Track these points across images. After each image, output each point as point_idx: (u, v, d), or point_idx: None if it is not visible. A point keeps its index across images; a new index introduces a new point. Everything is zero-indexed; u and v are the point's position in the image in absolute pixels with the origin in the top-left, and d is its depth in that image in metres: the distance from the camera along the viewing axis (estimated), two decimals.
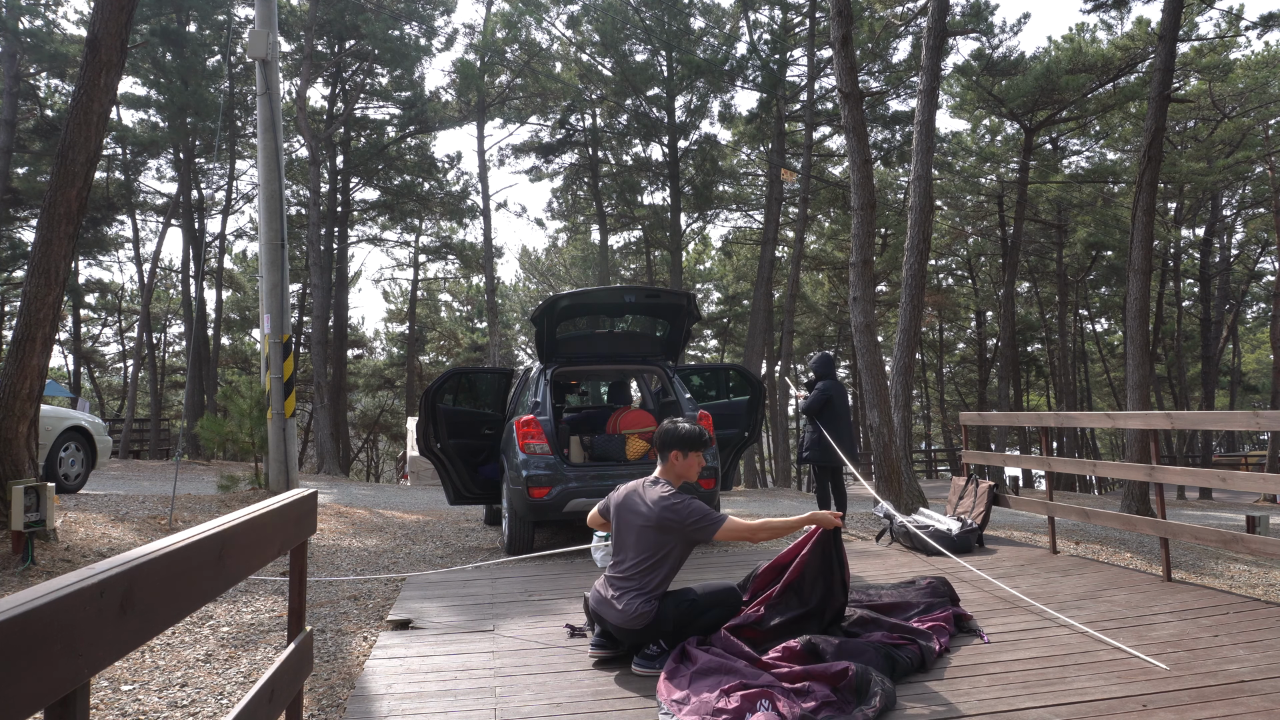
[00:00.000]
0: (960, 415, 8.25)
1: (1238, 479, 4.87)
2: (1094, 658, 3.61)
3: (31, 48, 21.30)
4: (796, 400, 8.28)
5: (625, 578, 3.71)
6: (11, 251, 25.56)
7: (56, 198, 5.93)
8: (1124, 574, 5.45)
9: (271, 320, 8.98)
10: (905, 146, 24.10)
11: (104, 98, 6.07)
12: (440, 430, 7.39)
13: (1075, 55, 21.35)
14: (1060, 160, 27.15)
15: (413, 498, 12.86)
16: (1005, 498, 7.06)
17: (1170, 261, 29.37)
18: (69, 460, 8.93)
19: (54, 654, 1.17)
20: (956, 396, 39.59)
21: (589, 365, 7.49)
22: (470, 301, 39.49)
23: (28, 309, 5.90)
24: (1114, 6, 19.40)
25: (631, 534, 3.76)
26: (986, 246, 30.93)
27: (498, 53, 24.60)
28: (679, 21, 24.67)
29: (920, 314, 10.44)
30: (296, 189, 26.90)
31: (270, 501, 2.29)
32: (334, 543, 7.38)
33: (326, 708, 3.34)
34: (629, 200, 28.11)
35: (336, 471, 21.18)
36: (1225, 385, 33.29)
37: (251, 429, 9.48)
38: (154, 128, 24.93)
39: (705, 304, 35.61)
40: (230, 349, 35.04)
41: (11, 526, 5.33)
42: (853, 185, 9.32)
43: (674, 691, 3.24)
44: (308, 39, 22.31)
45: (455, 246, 32.17)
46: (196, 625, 4.50)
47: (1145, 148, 11.09)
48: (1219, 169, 23.26)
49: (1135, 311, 11.12)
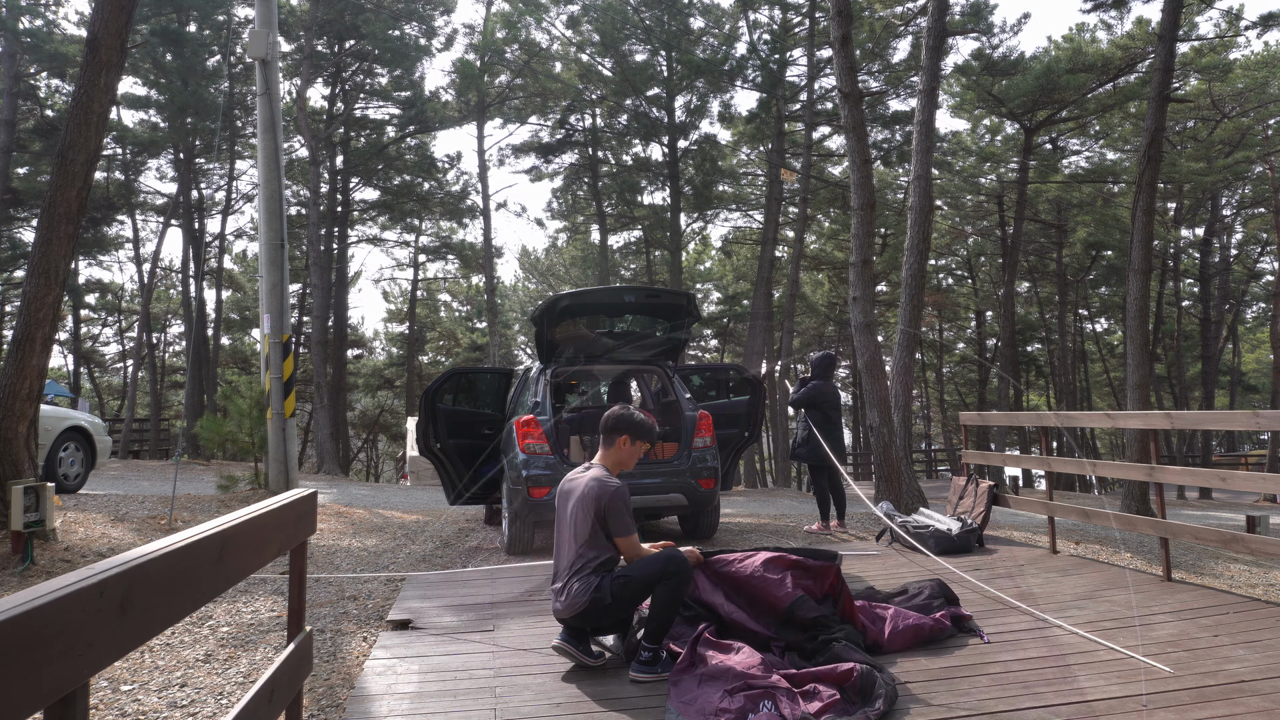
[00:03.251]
0: (960, 415, 8.25)
1: (1237, 479, 4.87)
2: (1094, 658, 3.61)
3: (31, 48, 21.30)
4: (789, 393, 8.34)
5: (566, 568, 3.69)
6: (11, 252, 25.54)
7: (56, 198, 5.93)
8: (1123, 574, 5.45)
9: (271, 320, 8.98)
10: (905, 146, 24.10)
11: (104, 98, 6.07)
12: (440, 430, 7.39)
13: (1075, 55, 21.35)
14: (1060, 160, 27.15)
15: (412, 498, 12.86)
16: (1005, 497, 7.06)
17: (1170, 261, 29.37)
18: (68, 460, 8.92)
19: (53, 654, 1.17)
20: (956, 396, 39.59)
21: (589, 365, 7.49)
22: (470, 301, 39.50)
23: (27, 309, 5.90)
24: (1113, 6, 19.40)
25: (566, 524, 3.76)
26: (986, 246, 30.93)
27: (497, 53, 24.60)
28: (678, 21, 24.68)
29: (920, 314, 10.44)
30: (296, 189, 26.90)
31: (270, 501, 2.29)
32: (334, 543, 7.38)
33: (326, 708, 3.33)
34: (629, 200, 28.10)
35: (336, 471, 21.18)
36: (1225, 385, 33.28)
37: (251, 429, 9.47)
38: (154, 128, 24.94)
39: (705, 304, 35.60)
40: (230, 349, 35.03)
41: (11, 526, 5.33)
42: (852, 185, 9.32)
43: (684, 693, 3.24)
44: (307, 39, 22.31)
45: (455, 246, 32.18)
46: (196, 625, 4.49)
47: (1145, 148, 11.09)
48: (1218, 169, 23.26)
49: (1135, 311, 11.12)
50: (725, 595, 3.92)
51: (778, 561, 3.98)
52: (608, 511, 3.61)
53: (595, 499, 3.63)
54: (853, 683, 3.17)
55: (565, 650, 3.67)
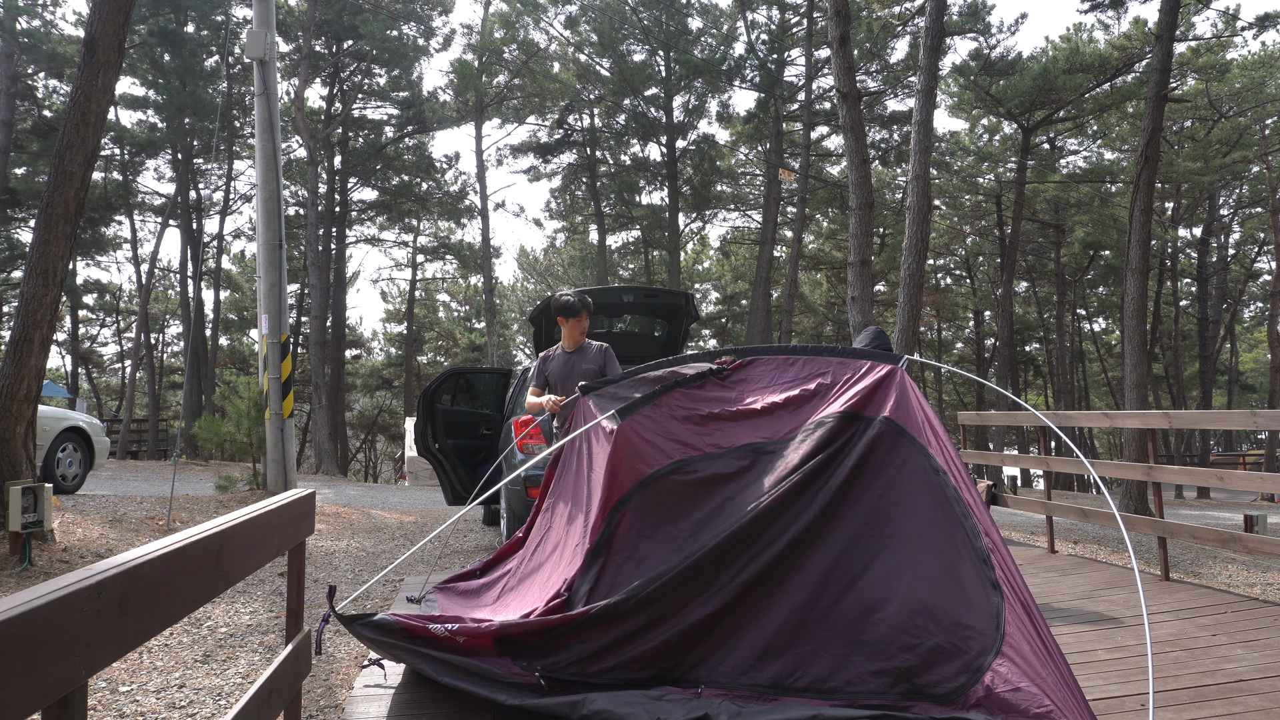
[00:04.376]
0: (959, 415, 8.27)
1: (1235, 478, 4.87)
2: (1092, 657, 3.61)
3: (29, 48, 21.27)
4: None
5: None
6: (9, 252, 25.50)
7: (54, 198, 5.92)
8: (1122, 574, 5.45)
9: (269, 320, 8.97)
10: (903, 146, 24.11)
11: (102, 98, 6.06)
12: (438, 430, 7.39)
13: (1072, 55, 21.38)
14: (1058, 160, 27.18)
15: (411, 498, 12.85)
16: (1003, 497, 7.07)
17: (1168, 261, 29.41)
18: (67, 461, 8.91)
19: (51, 655, 1.17)
20: (955, 396, 39.61)
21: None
22: (468, 301, 39.48)
23: (25, 309, 5.89)
24: (1111, 7, 19.43)
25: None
26: (984, 246, 30.96)
27: (495, 53, 24.60)
28: (677, 21, 24.69)
29: (919, 314, 10.44)
30: (294, 189, 26.89)
31: (268, 502, 2.29)
32: (332, 543, 7.37)
33: (325, 708, 3.33)
34: (627, 200, 28.11)
35: (334, 472, 21.17)
36: (1223, 384, 33.31)
37: (249, 429, 9.47)
38: (152, 128, 24.91)
39: (703, 304, 35.61)
40: (228, 349, 35.00)
41: (9, 527, 5.32)
42: (851, 185, 9.33)
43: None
44: (306, 39, 22.31)
45: (453, 246, 32.18)
46: (194, 626, 4.49)
47: (1142, 147, 11.10)
48: (1216, 168, 23.30)
49: (1133, 311, 11.14)
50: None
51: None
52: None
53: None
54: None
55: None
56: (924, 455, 2.87)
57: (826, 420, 3.05)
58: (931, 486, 2.81)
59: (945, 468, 2.85)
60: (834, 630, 2.72)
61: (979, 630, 2.55)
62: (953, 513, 2.77)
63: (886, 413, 2.99)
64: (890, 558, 2.76)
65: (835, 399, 3.14)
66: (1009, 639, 2.51)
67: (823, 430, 3.02)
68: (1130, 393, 11.00)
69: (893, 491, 2.85)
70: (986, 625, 2.55)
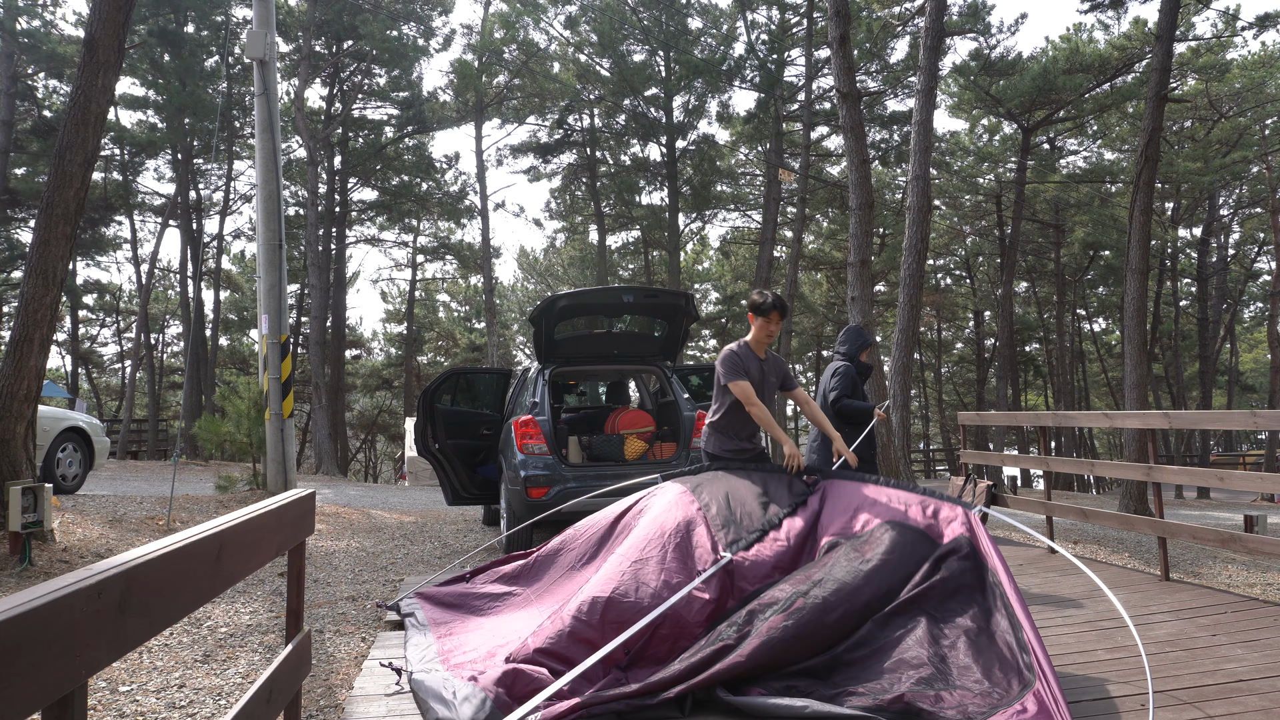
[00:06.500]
0: (959, 415, 8.27)
1: (1235, 478, 4.87)
2: (1093, 658, 3.61)
3: (29, 48, 21.28)
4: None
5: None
6: (9, 252, 25.51)
7: (54, 198, 5.92)
8: (1122, 574, 5.45)
9: (269, 320, 8.97)
10: (903, 146, 24.12)
11: (101, 98, 6.06)
12: (438, 430, 7.39)
13: (1072, 55, 21.39)
14: (1058, 160, 27.19)
15: (411, 498, 12.85)
16: (1003, 497, 7.07)
17: (1168, 261, 29.41)
18: (67, 461, 8.91)
19: (51, 655, 1.17)
20: (955, 396, 39.62)
21: (587, 365, 7.48)
22: (468, 302, 39.48)
23: (25, 310, 5.89)
24: (1111, 7, 19.43)
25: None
26: (984, 246, 30.96)
27: (495, 53, 24.60)
28: (677, 22, 24.69)
29: (918, 314, 10.45)
30: (294, 189, 26.90)
31: (268, 502, 2.29)
32: (332, 543, 7.38)
33: (325, 708, 3.33)
34: (627, 200, 28.11)
35: (334, 472, 21.18)
36: (1223, 385, 33.31)
37: (249, 429, 9.47)
38: (152, 128, 24.92)
39: (703, 304, 35.62)
40: (228, 349, 35.01)
41: (9, 527, 5.32)
42: (851, 185, 9.33)
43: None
44: (306, 39, 22.31)
45: (453, 247, 32.18)
46: (194, 626, 4.49)
47: (1142, 147, 11.10)
48: (1216, 169, 23.30)
49: (1133, 311, 11.14)
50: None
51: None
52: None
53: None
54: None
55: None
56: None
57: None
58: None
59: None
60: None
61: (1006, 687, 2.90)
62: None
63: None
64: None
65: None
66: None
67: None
68: (1130, 393, 11.01)
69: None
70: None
